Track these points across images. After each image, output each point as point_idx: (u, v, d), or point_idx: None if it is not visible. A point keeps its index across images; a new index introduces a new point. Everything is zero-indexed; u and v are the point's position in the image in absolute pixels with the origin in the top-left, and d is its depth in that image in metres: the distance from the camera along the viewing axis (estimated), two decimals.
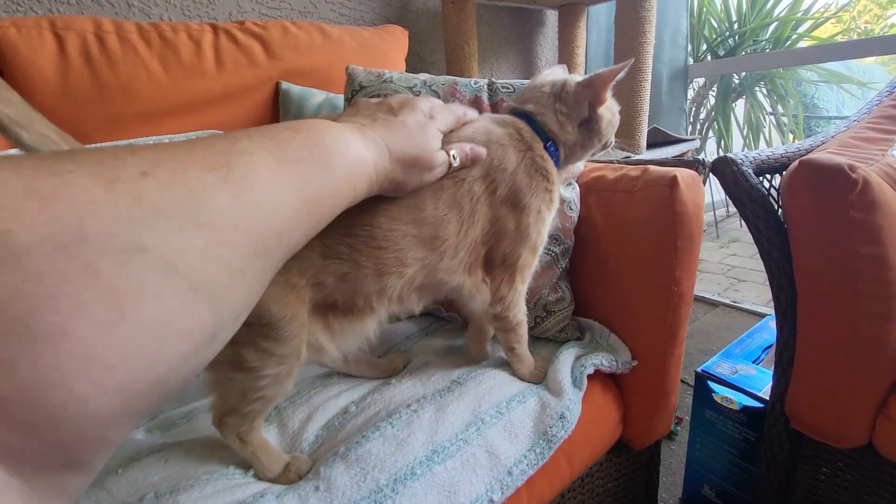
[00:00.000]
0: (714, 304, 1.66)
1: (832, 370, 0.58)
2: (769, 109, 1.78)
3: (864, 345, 0.55)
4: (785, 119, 1.81)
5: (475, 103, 0.71)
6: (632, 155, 1.02)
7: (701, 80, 1.73)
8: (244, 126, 0.89)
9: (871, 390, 0.55)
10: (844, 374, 0.57)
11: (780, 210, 0.63)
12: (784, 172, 0.60)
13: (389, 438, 0.47)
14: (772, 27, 1.57)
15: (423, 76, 0.75)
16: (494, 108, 0.71)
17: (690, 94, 1.74)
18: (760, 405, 0.73)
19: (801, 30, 1.55)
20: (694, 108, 1.73)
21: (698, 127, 1.82)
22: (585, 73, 1.63)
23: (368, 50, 0.99)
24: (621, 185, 0.66)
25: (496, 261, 0.51)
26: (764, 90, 1.72)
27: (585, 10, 1.48)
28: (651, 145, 1.20)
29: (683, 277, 0.56)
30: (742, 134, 1.82)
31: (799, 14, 1.53)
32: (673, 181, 0.57)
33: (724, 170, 0.64)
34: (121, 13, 0.92)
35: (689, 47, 1.69)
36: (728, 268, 2.06)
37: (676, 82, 1.55)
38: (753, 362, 0.83)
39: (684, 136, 1.26)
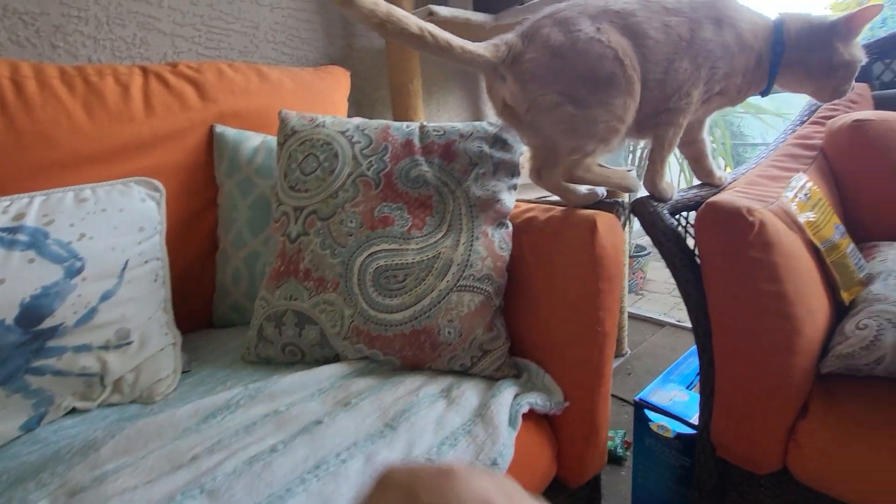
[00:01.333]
0: (660, 324, 1.73)
1: (746, 400, 0.61)
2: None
3: (772, 376, 0.58)
4: (715, 146, 1.95)
5: (407, 146, 0.73)
6: (547, 196, 1.06)
7: None
8: (176, 171, 0.88)
9: (782, 418, 0.59)
10: (757, 403, 0.60)
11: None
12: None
13: (314, 495, 0.46)
14: None
15: (357, 121, 0.76)
16: (425, 150, 0.72)
17: None
18: (693, 432, 0.76)
19: None
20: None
21: (639, 156, 1.92)
22: None
23: (309, 91, 1.00)
24: (549, 226, 0.68)
25: None
26: None
27: None
28: None
29: (606, 317, 0.59)
30: (678, 161, 1.94)
31: None
32: (592, 225, 0.60)
33: (642, 211, 0.67)
34: (44, 54, 0.89)
35: None
36: (673, 287, 2.15)
37: None
38: (688, 387, 0.87)
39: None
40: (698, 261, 0.63)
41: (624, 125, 0.64)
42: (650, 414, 0.81)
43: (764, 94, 0.72)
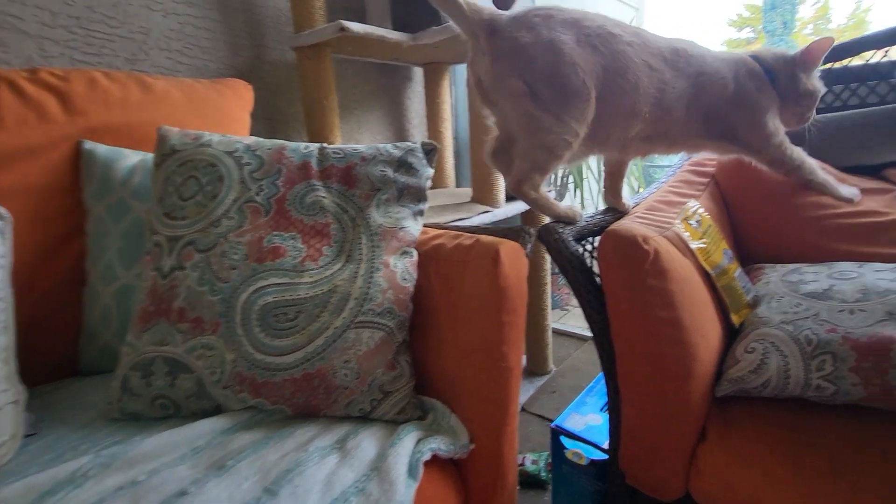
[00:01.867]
0: (583, 338, 1.77)
1: (648, 426, 0.61)
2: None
3: (671, 401, 0.58)
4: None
5: (303, 169, 0.67)
6: (466, 217, 1.06)
7: None
8: (31, 194, 0.74)
9: (682, 443, 0.59)
10: (658, 429, 0.60)
11: None
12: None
13: None
14: None
15: (249, 140, 0.69)
16: (324, 174, 0.67)
17: None
18: (606, 457, 0.75)
19: None
20: None
21: (561, 177, 1.98)
22: (453, 130, 1.70)
23: (203, 105, 0.91)
24: (456, 255, 0.65)
25: None
26: None
27: (449, 69, 1.55)
28: (510, 198, 1.27)
29: (510, 352, 0.56)
30: (597, 180, 2.03)
31: None
32: (495, 255, 0.57)
33: (548, 238, 0.67)
34: None
35: None
36: None
37: None
38: (602, 409, 0.87)
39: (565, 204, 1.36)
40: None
41: (576, 141, 0.65)
42: (565, 441, 0.80)
43: None
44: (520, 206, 1.26)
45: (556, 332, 1.82)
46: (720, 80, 0.72)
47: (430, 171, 0.72)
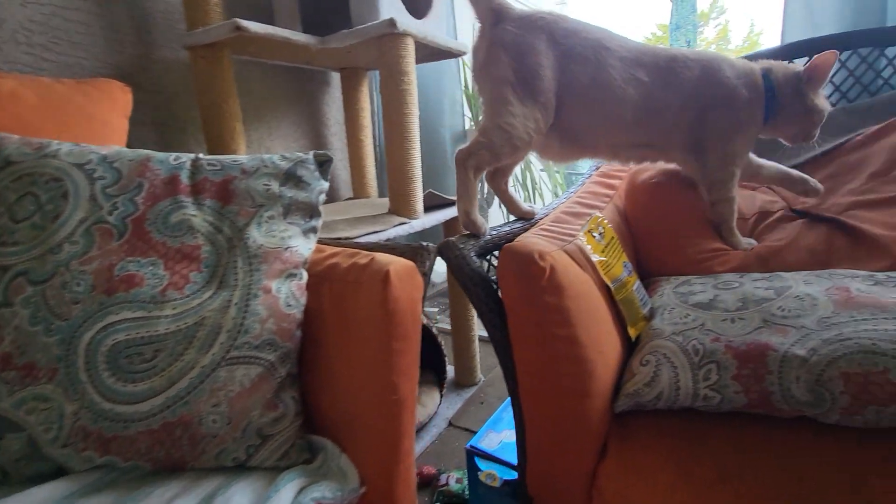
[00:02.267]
0: None
1: (550, 446, 0.59)
2: (541, 167, 2.06)
3: (570, 420, 0.57)
4: (549, 174, 2.13)
5: (171, 183, 0.59)
6: (381, 230, 1.01)
7: None
8: None
9: (582, 463, 0.58)
10: (559, 449, 0.59)
11: None
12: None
13: None
14: None
15: (108, 150, 0.60)
16: (196, 188, 0.60)
17: None
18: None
19: None
20: None
21: (484, 189, 1.97)
22: (374, 136, 1.65)
23: (64, 110, 0.79)
24: (351, 275, 0.60)
25: None
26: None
27: (367, 74, 1.50)
28: (429, 208, 1.24)
29: (401, 382, 0.52)
30: (522, 186, 2.05)
31: None
32: (385, 276, 0.53)
33: (448, 254, 0.63)
34: None
35: (471, 114, 1.86)
36: None
37: (458, 145, 1.67)
38: None
39: (453, 199, 1.34)
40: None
41: (530, 140, 0.70)
42: (479, 462, 0.77)
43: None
44: (440, 217, 1.23)
45: (483, 341, 1.82)
46: (720, 82, 0.74)
47: (324, 185, 0.66)
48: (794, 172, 0.84)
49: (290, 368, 0.56)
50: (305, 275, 0.61)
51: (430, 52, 1.31)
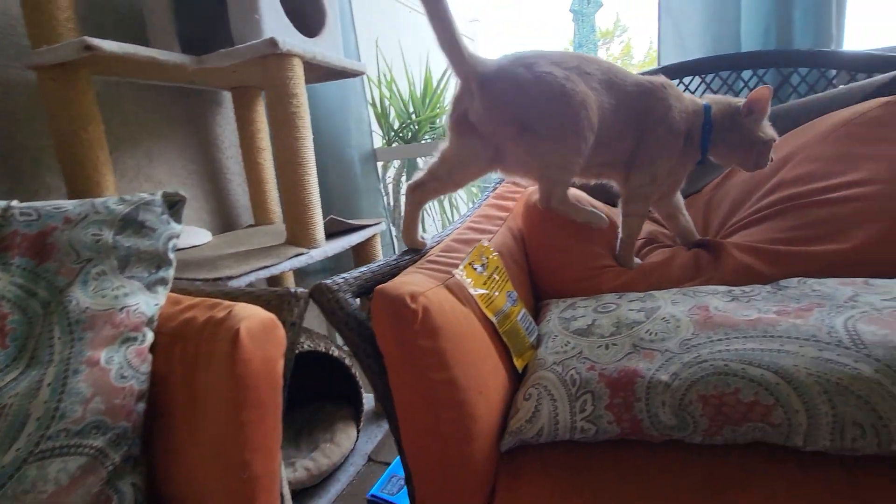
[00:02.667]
0: None
1: (437, 495, 0.56)
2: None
3: (454, 467, 0.55)
4: (463, 192, 2.14)
5: None
6: (274, 264, 0.95)
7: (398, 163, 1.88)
8: None
9: None
10: (447, 495, 0.56)
11: None
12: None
13: None
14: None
15: None
16: (2, 245, 0.50)
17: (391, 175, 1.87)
18: None
19: None
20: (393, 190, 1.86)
21: (401, 208, 1.95)
22: (274, 158, 1.56)
23: None
24: (206, 332, 0.53)
25: None
26: None
27: (262, 93, 1.41)
28: (332, 235, 1.18)
29: (255, 459, 0.46)
30: (440, 209, 2.03)
31: None
32: (234, 336, 0.47)
33: (321, 299, 0.59)
34: None
35: (382, 132, 1.82)
36: None
37: (368, 165, 1.63)
38: None
39: (365, 222, 1.29)
40: None
41: (580, 160, 0.74)
42: None
43: (701, 163, 0.83)
44: (344, 243, 1.18)
45: None
46: (663, 111, 0.78)
47: (175, 229, 0.59)
48: (693, 232, 0.90)
49: (127, 451, 0.48)
50: (150, 336, 0.53)
51: (327, 72, 1.26)
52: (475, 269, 0.66)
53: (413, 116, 1.79)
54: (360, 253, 1.31)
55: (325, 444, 1.22)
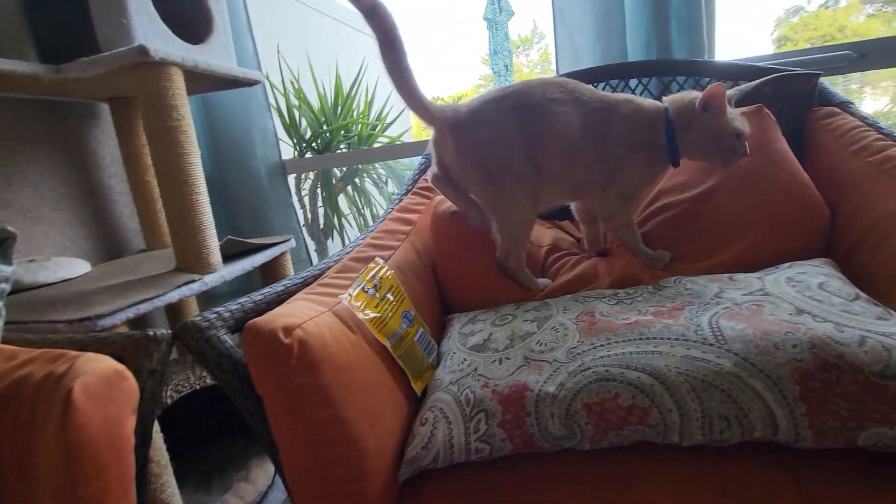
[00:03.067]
0: None
1: None
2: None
3: None
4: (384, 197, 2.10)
5: None
6: (158, 295, 0.86)
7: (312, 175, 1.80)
8: None
9: None
10: None
11: None
12: None
13: None
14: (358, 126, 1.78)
15: None
16: None
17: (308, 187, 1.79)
18: None
19: (376, 130, 1.83)
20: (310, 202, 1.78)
21: (319, 220, 1.86)
22: (157, 176, 1.42)
23: None
24: (44, 391, 0.46)
25: None
26: (369, 178, 1.93)
27: None
28: (231, 258, 1.09)
29: None
30: (355, 219, 1.96)
31: (372, 119, 1.81)
32: (66, 397, 0.41)
33: (188, 339, 0.53)
34: None
35: (292, 142, 1.74)
36: None
37: (276, 178, 1.54)
38: None
39: (272, 240, 1.21)
40: None
41: (535, 210, 0.80)
42: None
43: (675, 165, 0.81)
44: (247, 265, 1.09)
45: None
46: (622, 123, 0.78)
47: (5, 271, 0.51)
48: (601, 240, 0.93)
49: None
50: None
51: (218, 82, 1.17)
52: (366, 291, 0.63)
53: (325, 125, 1.73)
54: (269, 273, 1.23)
55: (238, 484, 1.13)
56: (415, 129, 3.34)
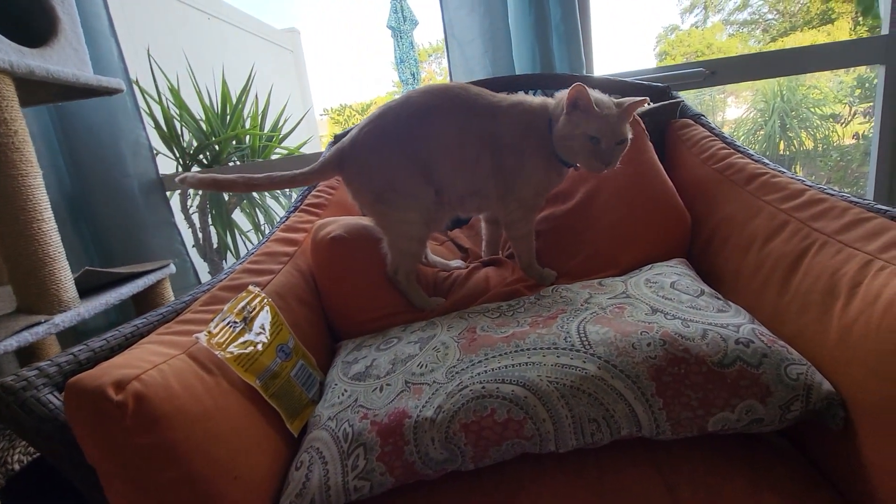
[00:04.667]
0: None
1: None
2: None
3: None
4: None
5: None
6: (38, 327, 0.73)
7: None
8: None
9: None
10: None
11: None
12: None
13: None
14: (249, 137, 1.66)
15: None
16: None
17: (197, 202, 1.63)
18: None
19: (273, 141, 1.72)
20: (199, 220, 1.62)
21: (213, 240, 1.70)
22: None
23: None
24: None
25: None
26: (270, 193, 1.80)
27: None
28: (88, 291, 0.95)
29: None
30: (256, 236, 1.83)
31: (267, 130, 1.70)
32: None
33: None
34: None
35: (174, 156, 1.58)
36: None
37: (154, 196, 1.39)
38: None
39: (143, 268, 1.09)
40: None
41: (425, 223, 0.79)
42: None
43: (567, 166, 0.80)
44: (111, 298, 0.96)
45: None
46: (510, 127, 0.77)
47: None
48: (498, 245, 0.96)
49: None
50: None
51: (66, 90, 1.02)
52: (233, 325, 0.57)
53: (213, 136, 1.59)
54: (144, 303, 1.10)
55: None
56: (326, 138, 3.22)
